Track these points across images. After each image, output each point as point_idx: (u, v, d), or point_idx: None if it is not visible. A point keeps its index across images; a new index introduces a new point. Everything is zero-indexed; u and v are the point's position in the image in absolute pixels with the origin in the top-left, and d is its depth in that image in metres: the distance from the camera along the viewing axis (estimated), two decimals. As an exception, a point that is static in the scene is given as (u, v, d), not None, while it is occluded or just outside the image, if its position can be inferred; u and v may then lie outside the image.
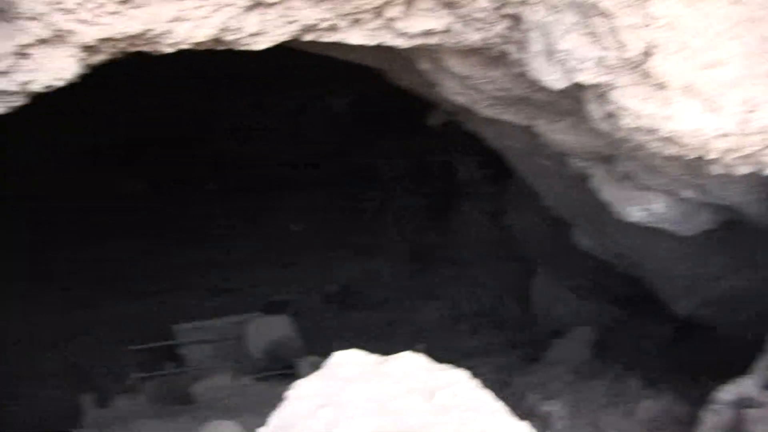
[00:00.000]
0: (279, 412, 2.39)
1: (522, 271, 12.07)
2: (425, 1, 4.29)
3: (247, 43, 4.08)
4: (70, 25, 3.84)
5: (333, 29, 4.28)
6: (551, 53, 3.92)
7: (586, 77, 3.82)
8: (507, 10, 4.11)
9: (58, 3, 3.66)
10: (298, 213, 14.93)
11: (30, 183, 14.53)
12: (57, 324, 12.28)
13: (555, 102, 5.67)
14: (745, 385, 5.42)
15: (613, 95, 3.82)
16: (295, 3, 4.05)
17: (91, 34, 3.86)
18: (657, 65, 3.53)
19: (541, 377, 8.90)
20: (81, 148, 15.54)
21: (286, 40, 4.21)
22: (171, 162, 15.58)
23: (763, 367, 5.52)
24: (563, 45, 3.82)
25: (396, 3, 4.15)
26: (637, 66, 3.61)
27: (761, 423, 5.03)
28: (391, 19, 4.28)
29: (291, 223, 14.54)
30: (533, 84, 5.34)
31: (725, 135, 3.69)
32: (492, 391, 2.79)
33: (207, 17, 3.91)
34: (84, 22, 3.84)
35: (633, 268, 8.54)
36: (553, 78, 3.97)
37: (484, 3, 4.14)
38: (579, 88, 4.15)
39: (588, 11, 3.71)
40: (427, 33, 4.46)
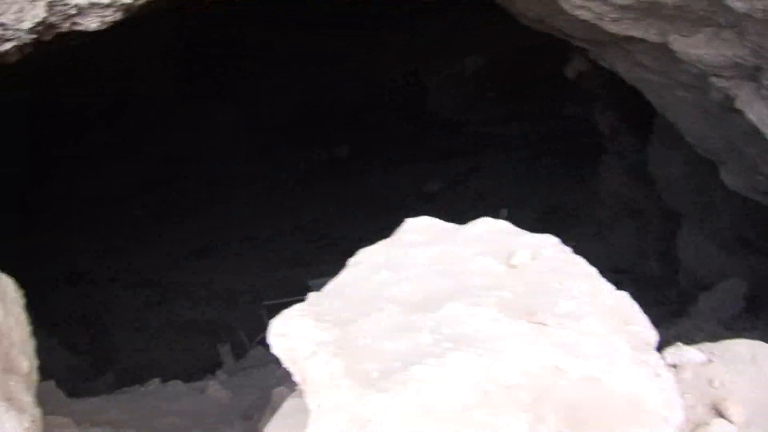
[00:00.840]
0: (336, 278, 2.16)
1: (666, 227, 11.30)
2: None
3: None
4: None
5: None
6: None
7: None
8: None
9: None
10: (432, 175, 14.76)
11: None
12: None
13: (689, 5, 5.12)
14: None
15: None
16: None
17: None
18: None
19: (687, 329, 8.27)
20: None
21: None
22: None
23: None
24: None
25: None
26: None
27: None
28: None
29: (422, 185, 14.35)
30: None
31: None
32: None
33: None
34: None
35: (788, 208, 7.72)
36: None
37: None
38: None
39: None
40: None
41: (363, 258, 2.21)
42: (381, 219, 14.00)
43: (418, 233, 2.27)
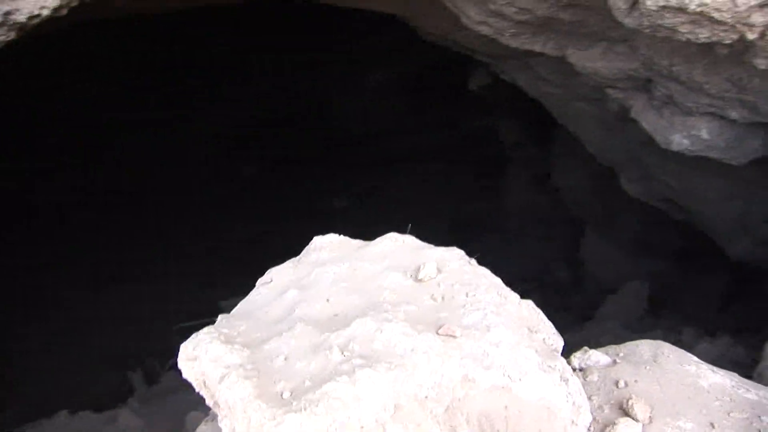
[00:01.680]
0: (244, 300, 2.14)
1: (571, 234, 11.66)
2: None
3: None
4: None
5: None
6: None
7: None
8: None
9: None
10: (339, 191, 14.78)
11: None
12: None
13: (583, 21, 5.31)
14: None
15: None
16: None
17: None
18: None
19: (594, 332, 8.52)
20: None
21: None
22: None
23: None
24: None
25: None
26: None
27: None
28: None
29: (334, 199, 14.37)
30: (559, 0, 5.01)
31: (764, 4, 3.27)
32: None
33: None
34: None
35: (682, 213, 8.08)
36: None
37: None
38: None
39: None
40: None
41: (271, 277, 2.20)
42: (290, 236, 13.99)
43: (326, 250, 2.27)
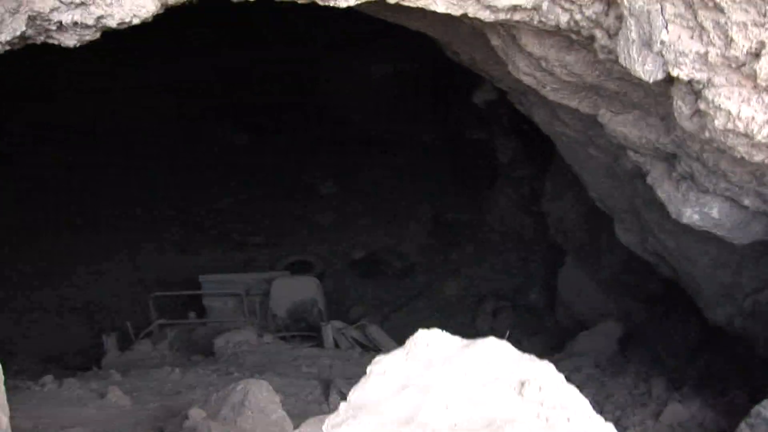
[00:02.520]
0: (360, 387, 2.31)
1: (550, 259, 11.97)
2: (517, -25, 4.14)
3: (335, 1, 3.95)
4: (155, -38, 3.74)
5: (421, -6, 4.14)
6: (648, 44, 3.76)
7: (683, 72, 3.66)
8: (605, -7, 3.95)
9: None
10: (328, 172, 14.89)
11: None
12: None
13: (627, 93, 5.52)
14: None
15: (709, 93, 3.66)
16: (387, -37, 3.91)
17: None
18: (765, 66, 3.36)
19: (564, 368, 8.82)
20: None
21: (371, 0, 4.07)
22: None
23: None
24: (662, 36, 3.66)
25: (489, -26, 4.00)
26: (742, 65, 3.45)
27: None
28: (482, -10, 4.13)
29: (320, 186, 14.47)
30: (610, 72, 5.20)
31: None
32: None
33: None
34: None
35: (671, 269, 8.39)
36: (647, 69, 3.81)
37: (580, -17, 3.98)
38: (669, 82, 4.00)
39: (694, 2, 3.54)
40: (515, 8, 4.31)
41: (384, 369, 2.36)
42: (274, 214, 14.08)
43: (432, 347, 2.44)
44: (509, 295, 12.17)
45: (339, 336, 9.12)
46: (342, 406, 2.26)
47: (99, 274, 12.32)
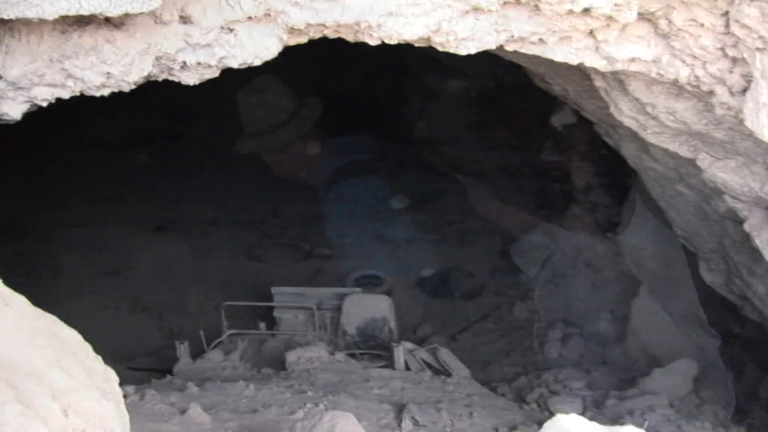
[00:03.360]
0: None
1: (623, 289, 11.74)
2: (640, 28, 4.07)
3: (455, 47, 3.93)
4: (282, 6, 3.76)
5: (540, 43, 4.09)
6: (778, 107, 3.66)
7: (814, 140, 3.56)
8: (733, 52, 3.85)
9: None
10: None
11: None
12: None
13: (734, 142, 5.38)
14: None
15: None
16: (510, 13, 3.88)
17: (303, 17, 3.77)
18: None
19: (639, 405, 8.66)
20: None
21: (491, 48, 4.04)
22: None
23: None
24: (795, 101, 3.56)
25: (613, 27, 3.94)
26: None
27: None
28: (602, 42, 4.07)
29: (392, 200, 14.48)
30: (720, 122, 5.07)
31: None
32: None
33: (421, 16, 3.77)
34: (297, 4, 3.76)
35: (757, 313, 8.17)
36: (776, 134, 3.71)
37: (707, 41, 3.88)
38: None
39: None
40: (633, 60, 4.24)
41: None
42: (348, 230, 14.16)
43: (571, 434, 2.42)
44: (578, 322, 11.98)
45: (410, 357, 9.08)
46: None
47: (168, 274, 12.52)
